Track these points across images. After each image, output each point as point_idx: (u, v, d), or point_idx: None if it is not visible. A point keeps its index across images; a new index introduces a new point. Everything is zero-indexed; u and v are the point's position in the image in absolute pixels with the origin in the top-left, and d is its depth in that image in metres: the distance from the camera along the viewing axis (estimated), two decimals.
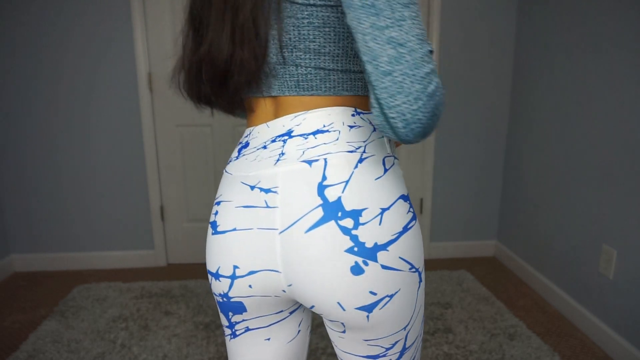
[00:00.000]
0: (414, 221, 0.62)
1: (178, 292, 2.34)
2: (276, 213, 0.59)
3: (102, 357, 1.79)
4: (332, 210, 0.57)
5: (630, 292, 1.71)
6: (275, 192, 0.59)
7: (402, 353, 0.65)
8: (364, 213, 0.57)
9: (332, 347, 1.83)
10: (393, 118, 0.49)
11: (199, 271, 2.63)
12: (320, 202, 0.57)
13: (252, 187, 0.61)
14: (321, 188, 0.58)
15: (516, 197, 2.56)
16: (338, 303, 0.58)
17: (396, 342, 0.63)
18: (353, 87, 0.62)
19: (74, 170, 2.55)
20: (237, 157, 0.66)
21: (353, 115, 0.61)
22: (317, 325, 1.99)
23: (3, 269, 2.55)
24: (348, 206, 0.57)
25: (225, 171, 0.67)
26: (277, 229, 0.59)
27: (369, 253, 0.57)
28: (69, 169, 2.54)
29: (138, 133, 2.53)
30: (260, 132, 0.63)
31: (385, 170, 0.61)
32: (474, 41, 2.52)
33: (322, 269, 0.57)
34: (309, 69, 0.60)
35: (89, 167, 2.55)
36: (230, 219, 0.63)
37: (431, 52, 0.50)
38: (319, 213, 0.57)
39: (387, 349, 0.63)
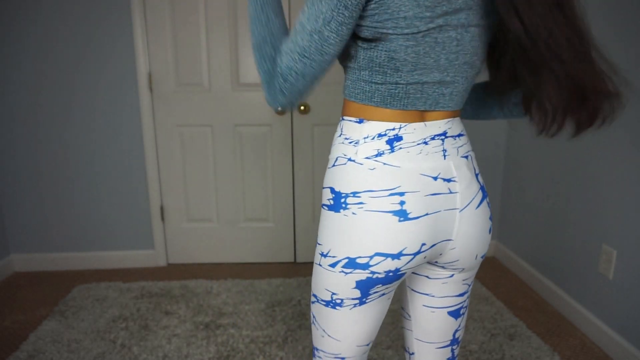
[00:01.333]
0: None
1: (178, 292, 2.34)
2: (457, 197, 0.78)
3: (102, 357, 1.79)
4: (484, 192, 0.84)
5: (630, 292, 1.71)
6: (455, 181, 0.78)
7: (470, 290, 0.92)
8: (487, 191, 0.88)
9: None
10: None
11: (199, 271, 2.64)
12: (480, 185, 0.82)
13: (435, 178, 0.76)
14: (476, 176, 0.83)
15: (516, 197, 2.56)
16: (477, 255, 0.84)
17: (472, 282, 0.90)
18: None
19: (74, 170, 2.55)
20: (391, 150, 0.74)
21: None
22: None
23: (3, 269, 2.55)
24: (485, 188, 0.85)
25: (384, 163, 0.74)
26: (457, 209, 0.78)
27: (491, 217, 0.86)
28: (69, 168, 2.54)
29: (138, 133, 2.53)
30: (417, 129, 0.75)
31: None
32: None
33: (479, 232, 0.82)
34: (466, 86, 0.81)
35: (89, 167, 2.55)
36: (422, 206, 0.75)
37: None
38: (481, 194, 0.82)
39: (469, 286, 0.90)
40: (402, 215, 0.73)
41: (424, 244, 0.75)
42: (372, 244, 0.74)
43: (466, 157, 0.80)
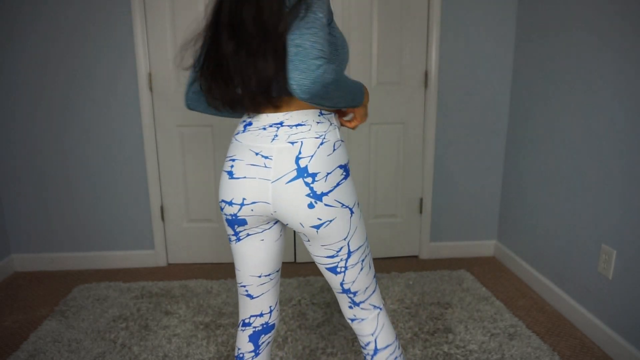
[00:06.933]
0: (345, 180, 1.03)
1: (178, 292, 2.34)
2: (270, 171, 0.99)
3: (103, 357, 1.80)
4: (301, 172, 0.98)
5: (630, 292, 1.71)
6: (271, 158, 0.99)
7: (349, 254, 1.06)
8: (317, 175, 0.98)
9: (332, 347, 1.83)
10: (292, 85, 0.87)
11: (199, 271, 2.64)
12: (295, 167, 0.97)
13: (257, 154, 1.00)
14: (297, 159, 0.98)
15: (516, 197, 2.56)
16: (300, 223, 1.01)
17: (341, 247, 1.04)
18: None
19: (74, 170, 2.55)
20: (243, 131, 1.05)
21: (319, 115, 1.02)
22: (317, 325, 1.99)
23: (3, 269, 2.55)
24: (310, 170, 0.98)
25: (235, 139, 1.06)
26: (270, 180, 0.99)
27: (318, 197, 0.98)
28: (69, 168, 2.55)
29: (138, 133, 2.53)
30: (261, 118, 1.02)
31: (334, 150, 1.01)
32: (473, 42, 2.52)
33: (293, 204, 0.99)
34: None
35: (89, 167, 2.55)
36: (242, 171, 1.02)
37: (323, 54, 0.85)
38: (294, 173, 0.98)
39: (337, 251, 1.05)
40: (230, 175, 1.04)
41: (244, 199, 1.02)
42: (220, 193, 1.08)
43: (293, 143, 0.98)
